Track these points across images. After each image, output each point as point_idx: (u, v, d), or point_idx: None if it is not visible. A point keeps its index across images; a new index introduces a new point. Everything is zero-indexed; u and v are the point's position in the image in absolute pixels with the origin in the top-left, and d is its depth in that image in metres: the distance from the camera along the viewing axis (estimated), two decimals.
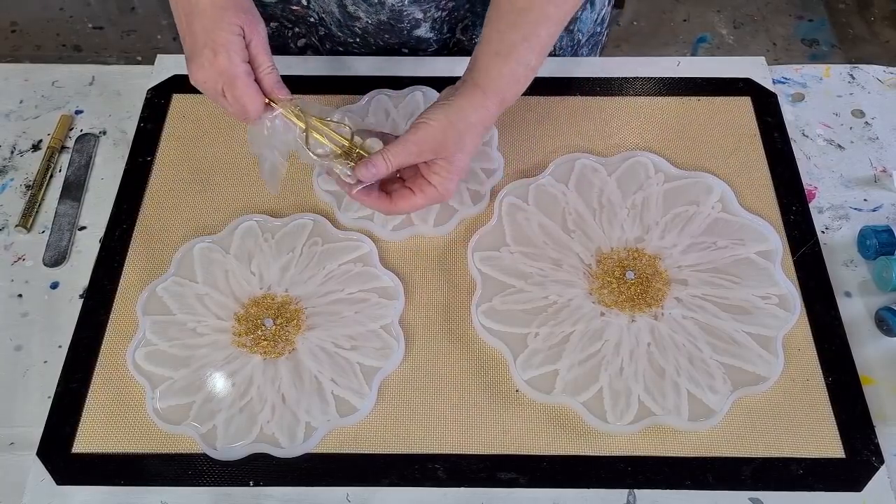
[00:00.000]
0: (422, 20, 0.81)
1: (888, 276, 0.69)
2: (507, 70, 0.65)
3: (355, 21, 0.82)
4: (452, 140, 0.64)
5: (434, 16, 0.81)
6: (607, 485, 0.61)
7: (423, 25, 0.82)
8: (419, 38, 0.83)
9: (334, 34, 0.84)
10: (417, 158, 0.65)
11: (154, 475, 0.61)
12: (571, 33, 0.88)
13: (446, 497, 0.60)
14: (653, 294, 0.68)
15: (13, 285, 0.72)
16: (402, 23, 0.81)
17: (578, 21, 0.87)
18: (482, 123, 0.66)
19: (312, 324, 0.67)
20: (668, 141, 0.79)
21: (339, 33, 0.84)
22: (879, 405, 0.64)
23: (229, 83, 0.63)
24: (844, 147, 0.80)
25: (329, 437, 0.63)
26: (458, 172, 0.67)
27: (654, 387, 0.63)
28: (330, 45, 0.86)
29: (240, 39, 0.63)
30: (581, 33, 0.89)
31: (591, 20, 0.89)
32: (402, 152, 0.64)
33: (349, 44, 0.85)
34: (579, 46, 0.91)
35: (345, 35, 0.84)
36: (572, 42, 0.89)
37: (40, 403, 0.65)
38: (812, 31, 2.12)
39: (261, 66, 0.65)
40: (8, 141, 0.81)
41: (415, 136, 0.64)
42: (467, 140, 0.65)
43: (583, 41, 0.90)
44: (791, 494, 0.60)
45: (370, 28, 0.82)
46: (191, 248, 0.72)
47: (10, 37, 2.10)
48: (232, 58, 0.62)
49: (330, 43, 0.86)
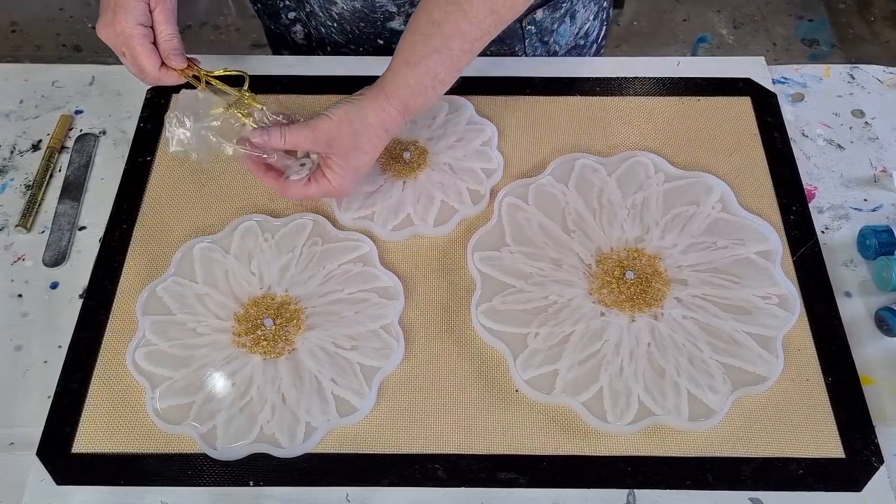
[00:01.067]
0: (395, 14, 0.82)
1: (888, 276, 0.69)
2: (414, 80, 0.67)
3: (332, 5, 0.83)
4: (346, 136, 0.66)
5: (408, 11, 0.82)
6: (607, 485, 0.61)
7: (397, 19, 0.83)
8: (393, 30, 0.84)
9: (316, 13, 0.86)
10: (312, 146, 0.67)
11: (154, 475, 0.61)
12: (547, 44, 0.89)
13: (446, 497, 0.60)
14: (653, 294, 0.68)
15: (13, 285, 0.72)
16: (376, 13, 0.82)
17: (555, 33, 0.88)
18: (382, 126, 0.67)
19: (312, 324, 0.67)
20: (668, 141, 0.79)
21: (321, 13, 0.85)
22: (879, 405, 0.64)
23: (126, 42, 0.69)
24: (844, 147, 0.80)
25: (329, 437, 0.63)
26: (354, 171, 0.68)
27: (654, 387, 0.63)
28: (315, 23, 0.88)
29: (141, 4, 0.68)
30: (558, 45, 0.90)
31: (570, 33, 0.89)
32: (298, 133, 0.66)
33: (329, 27, 0.86)
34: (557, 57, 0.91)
35: (325, 16, 0.85)
36: (548, 52, 0.90)
37: (40, 403, 0.65)
38: (812, 31, 2.12)
39: (161, 33, 0.70)
40: (8, 141, 0.81)
41: (313, 123, 0.66)
42: (363, 139, 0.67)
43: (560, 53, 0.91)
44: (791, 494, 0.60)
45: (346, 14, 0.84)
46: (191, 248, 0.72)
47: (10, 37, 2.10)
48: (128, 19, 0.68)
49: (315, 21, 0.87)
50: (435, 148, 0.78)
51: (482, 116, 0.80)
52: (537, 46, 0.88)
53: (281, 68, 0.86)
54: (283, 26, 0.92)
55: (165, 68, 0.70)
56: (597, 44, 0.96)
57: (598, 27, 0.94)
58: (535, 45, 0.88)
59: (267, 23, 0.96)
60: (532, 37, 0.87)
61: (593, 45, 0.95)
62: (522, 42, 0.87)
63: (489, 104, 0.82)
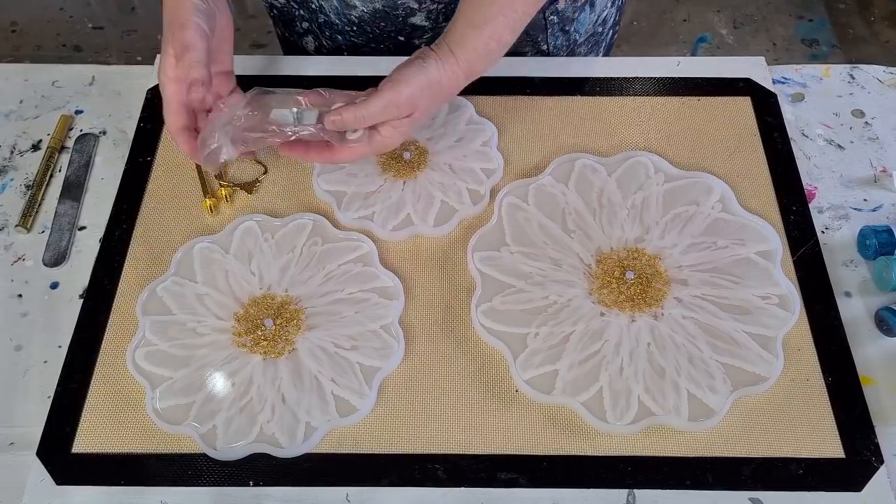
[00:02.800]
0: (416, 10, 0.82)
1: (888, 276, 0.69)
2: (481, 43, 0.67)
3: (351, 9, 0.83)
4: (426, 100, 0.66)
5: (430, 7, 0.82)
6: (607, 485, 0.61)
7: (419, 14, 0.83)
8: (414, 25, 0.84)
9: (332, 22, 0.86)
10: (397, 114, 0.66)
11: (154, 475, 0.61)
12: (567, 33, 0.88)
13: (446, 497, 0.60)
14: (653, 294, 0.68)
15: (13, 285, 0.72)
16: (398, 10, 0.82)
17: (576, 21, 0.87)
18: (450, 88, 0.67)
19: (312, 324, 0.67)
20: (668, 141, 0.79)
21: (337, 21, 0.85)
22: (879, 405, 0.64)
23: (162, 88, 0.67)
24: (844, 147, 0.80)
25: (329, 437, 0.63)
26: (410, 128, 0.68)
27: (654, 387, 0.63)
28: (329, 32, 0.88)
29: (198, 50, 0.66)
30: (578, 34, 0.89)
31: (589, 21, 0.89)
32: (377, 105, 0.64)
33: (346, 31, 0.86)
34: (576, 46, 0.91)
35: (342, 23, 0.85)
36: (568, 41, 0.89)
37: (40, 403, 0.65)
38: (812, 31, 2.12)
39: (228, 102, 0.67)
40: (8, 141, 0.81)
41: (393, 92, 0.64)
42: (437, 101, 0.67)
43: (580, 41, 0.90)
44: (791, 494, 0.60)
45: (366, 16, 0.83)
46: (191, 248, 0.72)
47: (10, 37, 2.10)
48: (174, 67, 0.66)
49: (329, 31, 0.87)
50: (435, 148, 0.78)
51: (482, 116, 0.80)
52: (558, 36, 0.88)
53: (286, 69, 0.85)
54: (296, 34, 0.92)
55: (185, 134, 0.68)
56: (613, 30, 0.96)
57: (615, 14, 0.94)
58: (557, 34, 0.88)
59: (282, 30, 0.96)
60: (554, 27, 0.87)
61: (610, 31, 0.95)
62: (545, 32, 0.87)
63: (489, 104, 0.82)
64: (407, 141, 0.78)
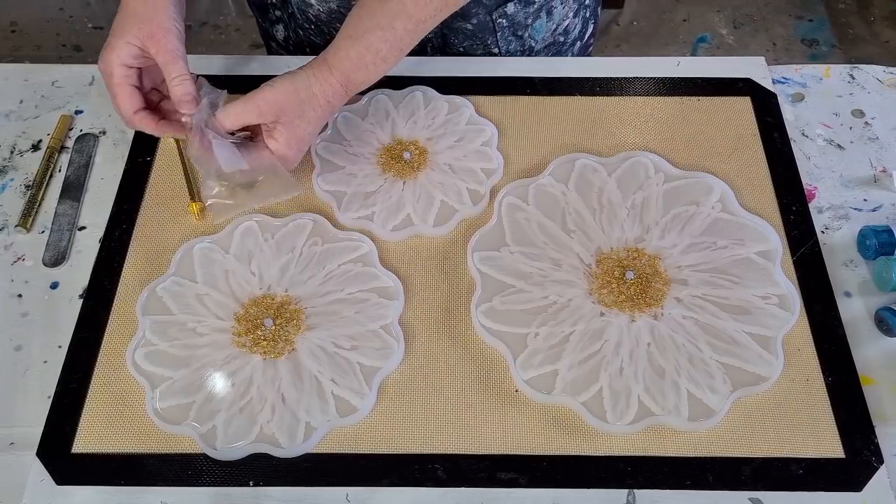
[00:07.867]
0: None
1: (888, 276, 0.69)
2: (356, 53, 0.68)
3: (308, 7, 0.84)
4: (293, 105, 0.67)
5: None
6: (607, 485, 0.61)
7: None
8: None
9: (296, 15, 0.86)
10: (259, 119, 0.68)
11: (154, 475, 0.61)
12: (522, 39, 0.89)
13: (446, 497, 0.60)
14: (653, 294, 0.68)
15: (13, 285, 0.72)
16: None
17: (531, 28, 0.88)
18: (324, 97, 0.69)
19: (312, 324, 0.67)
20: (668, 141, 0.79)
21: (299, 15, 0.86)
22: (879, 405, 0.64)
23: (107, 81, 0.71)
24: (844, 147, 0.80)
25: (329, 437, 0.63)
26: (299, 141, 0.69)
27: (654, 387, 0.63)
28: (294, 24, 0.88)
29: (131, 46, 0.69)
30: (534, 40, 0.89)
31: (547, 28, 0.89)
32: (240, 108, 0.67)
33: (307, 29, 0.86)
34: (532, 53, 0.91)
35: (302, 18, 0.86)
36: (523, 47, 0.90)
37: (40, 403, 0.65)
38: (812, 31, 2.12)
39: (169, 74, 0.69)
40: (8, 141, 0.81)
41: (257, 97, 0.67)
42: (308, 108, 0.68)
43: (536, 48, 0.91)
44: (791, 494, 0.60)
45: (322, 16, 0.84)
46: (190, 248, 0.72)
47: (10, 37, 2.10)
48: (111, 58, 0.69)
49: (294, 24, 0.88)
50: (435, 148, 0.78)
51: (482, 116, 0.80)
52: (511, 41, 0.88)
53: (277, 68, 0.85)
54: (269, 21, 0.92)
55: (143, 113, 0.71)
56: (580, 42, 0.95)
57: (580, 25, 0.93)
58: (509, 38, 0.88)
59: (256, 15, 0.97)
60: (504, 30, 0.86)
61: (575, 42, 0.94)
62: (494, 35, 0.87)
63: (489, 104, 0.82)
64: (407, 140, 0.78)
